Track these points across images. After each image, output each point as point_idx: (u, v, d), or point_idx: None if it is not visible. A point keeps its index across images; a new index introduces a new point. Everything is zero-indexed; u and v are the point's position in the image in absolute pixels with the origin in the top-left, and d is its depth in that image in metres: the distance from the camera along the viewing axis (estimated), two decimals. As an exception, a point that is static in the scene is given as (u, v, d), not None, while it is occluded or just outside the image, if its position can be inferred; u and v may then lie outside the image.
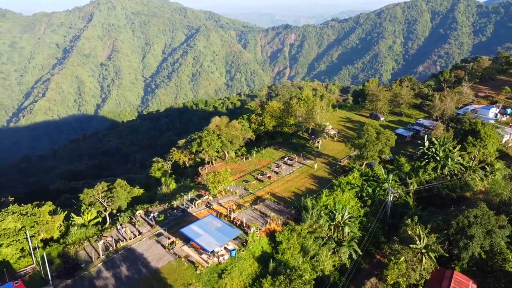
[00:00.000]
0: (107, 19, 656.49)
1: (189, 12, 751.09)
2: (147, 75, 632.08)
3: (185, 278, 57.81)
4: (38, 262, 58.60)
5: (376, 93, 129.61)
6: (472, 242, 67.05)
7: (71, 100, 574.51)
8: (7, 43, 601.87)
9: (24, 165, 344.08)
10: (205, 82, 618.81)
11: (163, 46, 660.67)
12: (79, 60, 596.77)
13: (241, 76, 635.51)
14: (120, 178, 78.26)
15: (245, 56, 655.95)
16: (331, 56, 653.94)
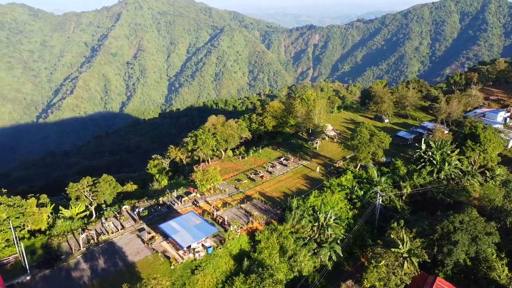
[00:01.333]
0: (134, 18, 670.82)
1: (214, 12, 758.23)
2: (171, 74, 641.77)
3: (158, 273, 59.04)
4: (21, 252, 61.20)
5: (380, 94, 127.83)
6: (456, 248, 65.71)
7: (97, 98, 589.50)
8: (38, 42, 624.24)
9: (49, 159, 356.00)
10: (228, 81, 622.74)
11: (187, 45, 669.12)
12: (106, 58, 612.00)
13: (264, 76, 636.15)
14: (137, 173, 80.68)
15: (268, 56, 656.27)
16: (355, 57, 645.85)
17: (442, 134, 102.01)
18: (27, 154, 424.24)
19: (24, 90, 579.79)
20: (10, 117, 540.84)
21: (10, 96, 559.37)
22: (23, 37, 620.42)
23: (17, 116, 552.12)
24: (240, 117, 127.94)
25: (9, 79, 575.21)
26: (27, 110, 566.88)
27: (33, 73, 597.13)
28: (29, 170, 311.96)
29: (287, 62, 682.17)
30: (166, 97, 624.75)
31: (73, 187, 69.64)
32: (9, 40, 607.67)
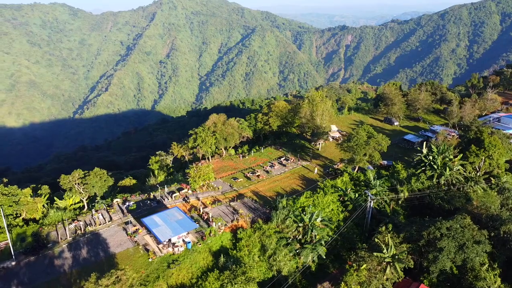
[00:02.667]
0: (168, 18, 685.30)
1: (246, 12, 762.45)
2: (202, 74, 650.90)
3: (135, 265, 61.04)
4: (12, 239, 64.81)
5: (391, 96, 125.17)
6: (441, 255, 64.10)
7: (131, 95, 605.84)
8: (77, 40, 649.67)
9: (80, 153, 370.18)
10: (258, 81, 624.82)
11: (219, 45, 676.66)
12: (140, 57, 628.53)
13: (294, 77, 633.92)
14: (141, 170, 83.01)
15: (299, 56, 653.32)
16: (388, 58, 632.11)
17: (445, 138, 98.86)
18: (63, 148, 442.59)
19: (63, 87, 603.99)
20: (49, 112, 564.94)
21: (50, 92, 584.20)
22: (63, 36, 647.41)
23: (56, 111, 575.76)
24: (246, 116, 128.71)
25: (49, 75, 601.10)
26: (65, 106, 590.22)
27: (71, 70, 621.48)
28: (61, 163, 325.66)
29: (318, 63, 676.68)
30: (197, 96, 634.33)
31: (65, 178, 72.94)
32: (50, 38, 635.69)
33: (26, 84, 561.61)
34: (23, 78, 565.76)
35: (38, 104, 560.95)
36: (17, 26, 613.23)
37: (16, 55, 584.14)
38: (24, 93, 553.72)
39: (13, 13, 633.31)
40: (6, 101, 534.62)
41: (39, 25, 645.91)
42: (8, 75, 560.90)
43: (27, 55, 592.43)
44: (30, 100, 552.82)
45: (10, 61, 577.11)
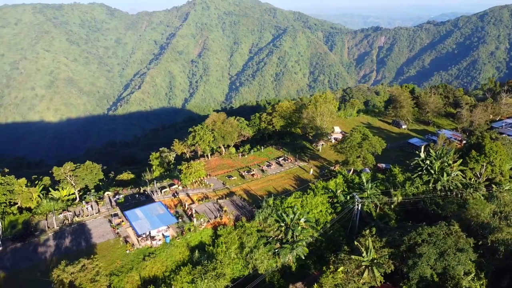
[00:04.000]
0: (201, 18, 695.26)
1: (278, 13, 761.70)
2: (233, 73, 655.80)
3: (113, 256, 63.31)
4: (4, 225, 68.64)
5: (399, 99, 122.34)
6: (420, 261, 62.69)
7: (162, 93, 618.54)
8: (113, 39, 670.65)
9: (110, 149, 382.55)
10: (287, 82, 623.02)
11: (250, 45, 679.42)
12: (172, 56, 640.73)
13: (325, 78, 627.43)
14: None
15: (330, 57, 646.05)
16: (422, 60, 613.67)
17: (447, 142, 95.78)
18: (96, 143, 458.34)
19: (98, 84, 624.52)
20: (84, 108, 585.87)
21: (86, 89, 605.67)
22: (100, 35, 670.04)
23: (91, 107, 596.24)
24: (251, 115, 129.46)
25: (86, 73, 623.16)
26: (100, 103, 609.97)
27: (107, 68, 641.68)
28: (92, 157, 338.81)
29: (349, 64, 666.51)
30: (227, 95, 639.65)
31: (57, 170, 76.38)
32: (88, 37, 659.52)
33: (64, 81, 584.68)
34: (61, 75, 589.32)
35: (75, 100, 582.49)
36: (57, 25, 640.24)
37: (56, 53, 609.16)
38: (62, 90, 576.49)
39: (54, 13, 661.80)
40: (45, 97, 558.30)
41: (78, 24, 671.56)
42: (48, 72, 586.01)
43: (66, 53, 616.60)
44: (67, 96, 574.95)
45: (50, 58, 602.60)
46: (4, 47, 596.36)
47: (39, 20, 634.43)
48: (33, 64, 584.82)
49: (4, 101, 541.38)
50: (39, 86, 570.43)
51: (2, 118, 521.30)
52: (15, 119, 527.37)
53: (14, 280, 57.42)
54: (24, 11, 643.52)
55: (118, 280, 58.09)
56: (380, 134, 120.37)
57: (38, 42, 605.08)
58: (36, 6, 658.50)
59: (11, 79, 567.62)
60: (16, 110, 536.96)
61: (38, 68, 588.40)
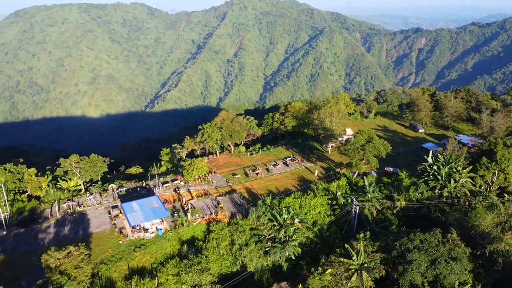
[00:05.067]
0: (238, 18, 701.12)
1: (315, 13, 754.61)
2: (268, 73, 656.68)
3: (106, 245, 66.00)
4: (12, 212, 73.09)
5: (417, 102, 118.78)
6: (410, 268, 61.40)
7: (198, 92, 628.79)
8: (153, 38, 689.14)
9: (143, 145, 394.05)
10: (322, 83, 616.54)
11: (286, 46, 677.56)
12: (209, 56, 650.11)
13: (361, 80, 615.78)
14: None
15: (367, 59, 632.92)
16: (465, 64, 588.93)
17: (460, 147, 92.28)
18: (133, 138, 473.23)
19: (137, 82, 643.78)
20: (123, 105, 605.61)
21: (126, 86, 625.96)
22: (141, 34, 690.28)
23: (129, 104, 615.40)
24: (265, 115, 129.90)
25: (126, 70, 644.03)
26: (138, 100, 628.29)
27: (146, 66, 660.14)
28: (125, 152, 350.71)
29: (387, 66, 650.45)
30: (261, 95, 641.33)
31: (63, 162, 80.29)
32: (129, 36, 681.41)
33: (105, 78, 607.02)
34: (103, 72, 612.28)
35: (115, 97, 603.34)
36: (101, 24, 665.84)
37: (98, 51, 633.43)
38: (103, 86, 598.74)
39: (98, 12, 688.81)
40: (87, 93, 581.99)
41: (120, 23, 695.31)
42: (90, 69, 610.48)
43: (108, 51, 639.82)
44: (108, 92, 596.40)
45: (93, 56, 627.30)
46: (51, 45, 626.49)
47: (84, 19, 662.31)
48: (77, 61, 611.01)
49: (49, 96, 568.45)
50: (82, 83, 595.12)
51: (47, 112, 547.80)
52: (59, 113, 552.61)
53: (12, 263, 61.11)
54: (71, 10, 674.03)
55: (106, 269, 60.56)
56: (395, 137, 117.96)
57: (83, 40, 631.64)
58: (82, 5, 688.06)
59: (57, 75, 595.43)
60: (60, 105, 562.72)
61: (82, 65, 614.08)
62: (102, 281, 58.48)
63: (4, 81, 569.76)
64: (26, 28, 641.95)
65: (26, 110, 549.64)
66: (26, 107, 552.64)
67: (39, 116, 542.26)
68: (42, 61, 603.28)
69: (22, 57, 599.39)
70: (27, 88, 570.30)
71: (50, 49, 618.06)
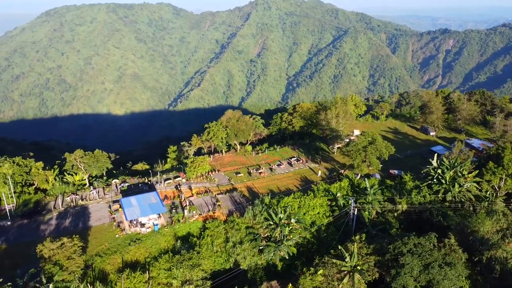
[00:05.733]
0: (262, 18, 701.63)
1: (340, 14, 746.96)
2: (290, 74, 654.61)
3: (102, 238, 67.87)
4: (18, 203, 76.00)
5: (428, 104, 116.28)
6: (402, 271, 60.72)
7: (220, 91, 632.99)
8: (177, 38, 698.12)
9: (165, 142, 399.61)
10: (345, 84, 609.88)
11: (309, 46, 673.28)
12: (232, 55, 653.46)
13: (385, 82, 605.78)
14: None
15: (392, 60, 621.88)
16: (494, 66, 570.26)
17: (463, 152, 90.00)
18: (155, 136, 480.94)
19: (161, 80, 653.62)
20: (147, 103, 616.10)
21: (150, 84, 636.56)
22: (166, 33, 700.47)
23: (153, 102, 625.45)
24: (274, 115, 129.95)
25: (151, 69, 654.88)
26: (162, 98, 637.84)
27: (170, 65, 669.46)
28: (147, 150, 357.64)
29: (412, 68, 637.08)
30: (283, 96, 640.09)
31: (69, 156, 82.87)
32: (155, 35, 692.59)
33: (130, 77, 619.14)
34: (128, 71, 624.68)
35: (139, 95, 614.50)
36: (127, 24, 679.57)
37: (124, 50, 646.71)
38: (128, 85, 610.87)
39: (125, 12, 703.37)
40: (113, 91, 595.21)
41: (146, 23, 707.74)
42: (116, 68, 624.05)
43: (133, 50, 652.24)
44: (132, 91, 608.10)
45: (119, 55, 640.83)
46: (80, 44, 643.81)
47: (112, 19, 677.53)
48: (104, 60, 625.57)
49: (77, 93, 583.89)
50: (108, 81, 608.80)
51: (74, 109, 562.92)
52: (86, 110, 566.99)
53: (13, 252, 63.65)
54: (99, 10, 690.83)
55: (100, 261, 62.32)
56: (404, 140, 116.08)
57: (110, 39, 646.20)
58: (110, 5, 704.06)
59: (84, 73, 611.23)
60: (87, 102, 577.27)
61: (108, 64, 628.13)
62: (95, 272, 60.20)
63: (34, 79, 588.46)
64: (56, 27, 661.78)
65: (55, 106, 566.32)
66: (55, 103, 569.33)
67: (66, 113, 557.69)
68: (71, 59, 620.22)
69: (52, 55, 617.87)
70: (56, 85, 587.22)
71: (78, 48, 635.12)
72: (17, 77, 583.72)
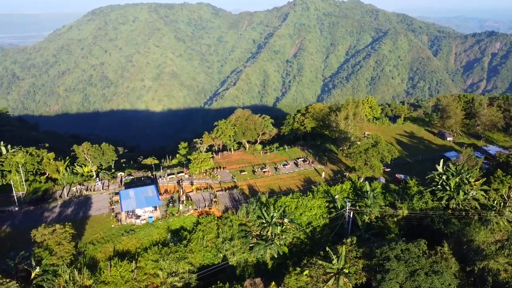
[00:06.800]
0: (299, 19, 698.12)
1: (380, 14, 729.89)
2: (326, 75, 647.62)
3: (99, 227, 70.89)
4: (28, 191, 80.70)
5: (446, 109, 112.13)
6: (387, 277, 59.81)
7: (255, 91, 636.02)
8: (215, 37, 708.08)
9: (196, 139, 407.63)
10: (383, 87, 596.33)
11: (347, 47, 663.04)
12: (268, 55, 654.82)
13: (425, 85, 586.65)
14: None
15: (433, 63, 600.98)
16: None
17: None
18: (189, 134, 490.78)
19: (198, 79, 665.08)
20: (184, 101, 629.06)
21: (187, 83, 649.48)
22: (204, 33, 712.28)
23: (190, 100, 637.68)
24: (287, 115, 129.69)
25: (188, 68, 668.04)
26: (198, 96, 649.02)
27: (207, 64, 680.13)
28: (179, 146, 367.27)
29: (455, 72, 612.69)
30: (318, 97, 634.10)
31: (76, 148, 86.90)
32: (193, 35, 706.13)
33: (168, 75, 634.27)
34: (167, 69, 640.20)
35: (176, 93, 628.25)
36: (168, 23, 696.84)
37: (164, 49, 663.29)
38: (166, 82, 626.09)
39: (166, 11, 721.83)
40: (151, 88, 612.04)
41: (185, 22, 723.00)
42: (155, 66, 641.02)
43: (172, 49, 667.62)
44: (170, 88, 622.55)
45: (159, 53, 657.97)
46: (122, 42, 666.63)
47: (153, 18, 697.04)
48: (144, 58, 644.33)
49: (117, 89, 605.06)
50: (147, 78, 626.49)
51: (114, 105, 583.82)
52: (125, 106, 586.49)
53: (16, 236, 67.74)
54: (141, 9, 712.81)
55: (92, 249, 65.24)
56: (419, 144, 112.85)
57: (150, 38, 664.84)
58: (152, 5, 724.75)
59: (125, 71, 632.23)
60: (127, 98, 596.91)
61: (148, 62, 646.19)
62: (86, 259, 63.03)
63: (79, 74, 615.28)
64: (101, 25, 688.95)
65: (96, 102, 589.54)
66: (97, 99, 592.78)
67: (107, 108, 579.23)
68: (113, 56, 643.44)
69: (96, 52, 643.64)
70: (98, 81, 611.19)
71: (120, 46, 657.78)
72: (63, 73, 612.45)
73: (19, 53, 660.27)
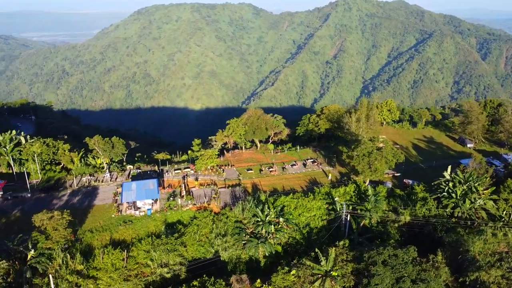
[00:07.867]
0: (341, 20, 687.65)
1: (426, 16, 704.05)
2: (367, 77, 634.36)
3: (99, 217, 74.27)
4: (43, 179, 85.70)
5: (468, 114, 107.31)
6: (372, 281, 59.10)
7: (293, 92, 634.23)
8: (255, 37, 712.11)
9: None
10: (426, 90, 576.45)
11: (389, 49, 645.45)
12: (308, 56, 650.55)
13: (471, 90, 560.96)
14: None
15: (481, 67, 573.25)
16: None
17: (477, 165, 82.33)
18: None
19: (237, 78, 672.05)
20: (222, 100, 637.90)
21: (226, 82, 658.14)
22: (245, 33, 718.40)
23: (227, 99, 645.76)
24: (303, 116, 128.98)
25: (228, 67, 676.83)
26: (236, 96, 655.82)
27: (247, 64, 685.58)
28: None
29: (505, 76, 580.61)
30: (357, 99, 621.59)
31: (89, 141, 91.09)
32: (234, 34, 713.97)
33: (208, 73, 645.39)
34: (206, 68, 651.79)
35: (215, 92, 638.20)
36: (209, 23, 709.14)
37: (205, 48, 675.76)
38: (205, 81, 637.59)
39: (208, 11, 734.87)
40: (191, 87, 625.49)
41: (227, 22, 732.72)
42: (196, 64, 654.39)
43: (213, 48, 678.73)
44: (209, 87, 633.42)
45: (200, 52, 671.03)
46: (165, 41, 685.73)
47: (195, 18, 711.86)
48: (185, 56, 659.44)
49: (159, 87, 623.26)
50: (187, 77, 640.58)
51: (155, 101, 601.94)
52: (165, 103, 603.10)
53: (24, 220, 72.20)
54: (185, 9, 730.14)
55: (90, 236, 68.53)
56: (436, 150, 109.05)
57: (192, 37, 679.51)
58: (194, 5, 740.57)
59: (167, 69, 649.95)
60: (167, 96, 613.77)
61: (189, 60, 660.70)
62: (83, 246, 66.29)
63: (123, 72, 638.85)
64: (145, 25, 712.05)
65: (139, 98, 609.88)
66: (139, 96, 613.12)
67: (148, 105, 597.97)
68: (156, 55, 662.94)
69: (140, 51, 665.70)
70: (141, 79, 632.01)
71: (163, 45, 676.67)
72: (108, 70, 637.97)
73: (69, 50, 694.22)
